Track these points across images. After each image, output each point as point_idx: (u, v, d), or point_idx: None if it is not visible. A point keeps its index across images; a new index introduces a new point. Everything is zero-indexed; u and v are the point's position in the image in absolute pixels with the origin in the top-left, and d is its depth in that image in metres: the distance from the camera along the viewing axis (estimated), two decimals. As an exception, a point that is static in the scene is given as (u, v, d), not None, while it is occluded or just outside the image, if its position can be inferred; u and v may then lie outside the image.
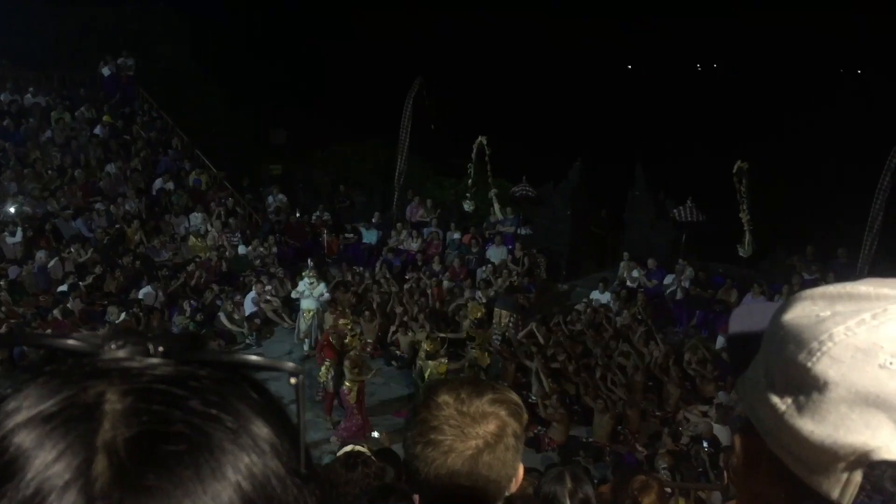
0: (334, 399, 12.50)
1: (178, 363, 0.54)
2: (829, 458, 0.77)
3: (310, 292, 14.89)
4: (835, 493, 0.77)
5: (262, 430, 0.53)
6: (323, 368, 12.57)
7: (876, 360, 0.75)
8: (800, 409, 0.79)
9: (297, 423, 0.57)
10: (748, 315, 0.98)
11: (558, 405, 12.19)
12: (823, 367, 0.76)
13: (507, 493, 1.56)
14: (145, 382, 0.52)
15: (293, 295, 15.33)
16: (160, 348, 0.54)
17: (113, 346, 0.54)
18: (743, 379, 0.91)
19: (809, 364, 0.77)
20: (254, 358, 0.57)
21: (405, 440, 1.56)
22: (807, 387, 0.78)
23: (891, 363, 0.74)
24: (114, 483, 0.47)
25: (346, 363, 12.07)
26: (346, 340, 12.84)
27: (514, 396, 1.61)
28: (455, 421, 1.50)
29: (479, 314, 14.75)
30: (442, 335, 13.80)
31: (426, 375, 12.49)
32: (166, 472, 0.48)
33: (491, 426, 1.51)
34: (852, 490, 0.76)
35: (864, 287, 0.80)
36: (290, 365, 0.57)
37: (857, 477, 0.76)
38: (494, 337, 14.79)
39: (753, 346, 0.90)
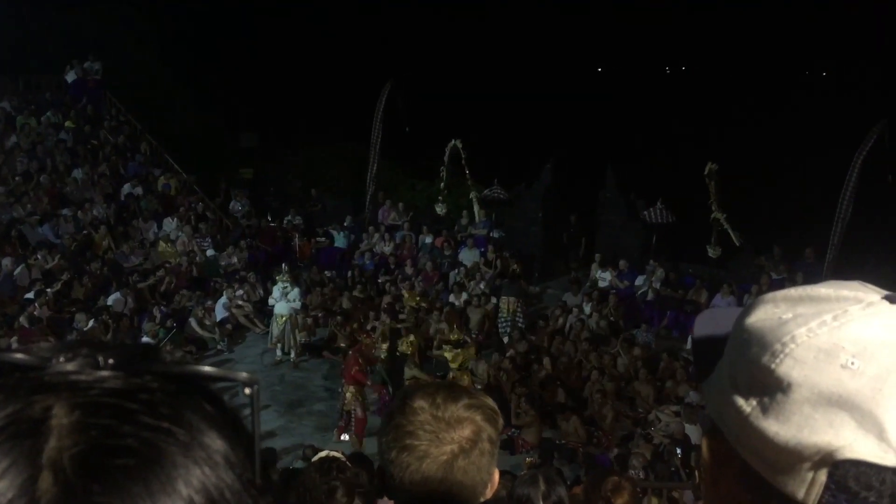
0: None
1: (128, 375, 0.52)
2: (793, 458, 0.77)
3: (283, 297, 14.80)
4: (800, 494, 0.78)
5: (215, 442, 0.52)
6: (349, 395, 11.92)
7: (838, 360, 0.76)
8: (764, 410, 0.79)
9: (252, 434, 0.56)
10: (712, 319, 0.99)
11: (527, 407, 12.22)
12: (787, 368, 0.77)
13: (482, 499, 1.56)
14: (94, 396, 0.50)
15: (270, 302, 15.21)
16: (110, 360, 0.53)
17: (61, 359, 0.52)
18: (708, 382, 0.91)
19: (773, 366, 0.78)
20: (207, 369, 0.55)
21: (380, 445, 1.55)
22: (771, 388, 0.79)
23: (852, 363, 0.75)
24: (59, 500, 0.45)
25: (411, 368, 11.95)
26: (402, 349, 12.77)
27: (490, 402, 1.60)
28: (430, 426, 1.49)
29: (414, 302, 14.93)
30: (398, 325, 13.93)
31: (457, 364, 12.86)
32: (114, 488, 0.46)
33: (466, 431, 1.50)
34: (817, 490, 0.77)
35: (825, 289, 0.82)
36: (244, 375, 0.56)
37: (822, 476, 0.76)
38: (502, 324, 15.25)
39: (718, 349, 0.90)
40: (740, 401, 0.82)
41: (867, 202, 15.60)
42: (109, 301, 14.91)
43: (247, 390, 0.56)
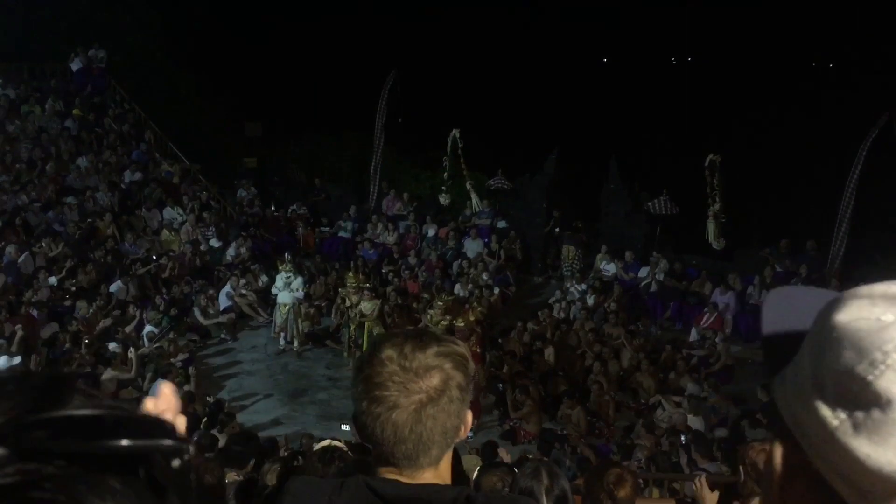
0: None
1: (22, 460, 0.45)
2: (887, 486, 0.67)
3: (286, 287, 14.80)
4: None
5: None
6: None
7: None
8: (856, 426, 0.69)
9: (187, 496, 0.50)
10: (787, 302, 0.86)
11: (524, 398, 12.19)
12: (887, 382, 0.67)
13: (456, 440, 1.62)
14: None
15: (273, 291, 15.21)
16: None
17: None
18: (782, 380, 0.80)
19: (871, 377, 0.68)
20: (124, 443, 0.47)
21: (353, 395, 1.60)
22: (866, 402, 0.68)
23: None
24: None
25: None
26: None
27: (460, 348, 1.63)
28: (398, 377, 1.53)
29: (356, 282, 14.98)
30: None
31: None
32: None
33: (434, 380, 1.54)
34: None
35: None
36: (168, 442, 0.47)
37: None
38: (565, 270, 16.94)
39: (794, 341, 0.79)
40: (825, 410, 0.71)
41: (871, 194, 15.54)
42: (112, 289, 14.94)
43: (174, 462, 0.48)
